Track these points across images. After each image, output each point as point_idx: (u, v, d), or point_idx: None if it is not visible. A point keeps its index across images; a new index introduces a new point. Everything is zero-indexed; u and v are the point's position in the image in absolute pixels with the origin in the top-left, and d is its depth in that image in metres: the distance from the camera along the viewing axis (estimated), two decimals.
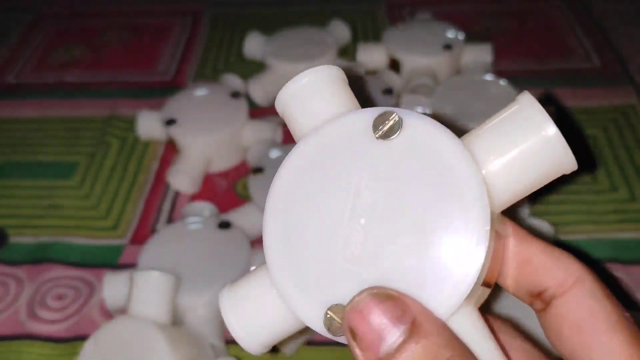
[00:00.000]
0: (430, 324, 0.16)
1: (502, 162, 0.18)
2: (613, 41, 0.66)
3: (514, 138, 0.18)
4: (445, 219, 0.17)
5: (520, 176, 0.18)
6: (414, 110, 0.18)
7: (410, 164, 0.18)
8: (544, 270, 0.19)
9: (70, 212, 0.51)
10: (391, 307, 0.16)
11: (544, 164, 0.18)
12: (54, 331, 0.42)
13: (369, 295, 0.16)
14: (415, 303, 0.16)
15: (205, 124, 0.53)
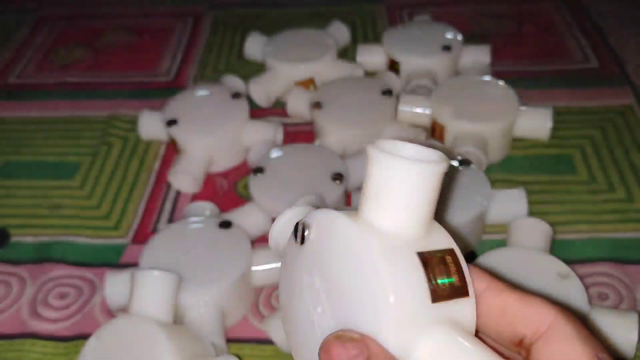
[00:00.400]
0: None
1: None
2: (611, 42, 0.67)
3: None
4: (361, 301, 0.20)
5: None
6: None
7: (326, 257, 0.21)
8: (519, 319, 0.20)
9: (72, 211, 0.52)
10: (350, 346, 0.19)
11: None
12: (56, 330, 0.43)
13: (333, 337, 0.19)
14: (373, 343, 0.19)
15: (206, 125, 0.54)
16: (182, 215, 0.49)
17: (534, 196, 0.49)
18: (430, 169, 0.20)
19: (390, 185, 0.21)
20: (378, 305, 0.19)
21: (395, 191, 0.21)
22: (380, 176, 0.21)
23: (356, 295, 0.20)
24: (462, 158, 0.48)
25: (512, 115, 0.52)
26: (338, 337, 0.19)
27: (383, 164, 0.21)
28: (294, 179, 0.48)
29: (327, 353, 0.19)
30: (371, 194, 0.21)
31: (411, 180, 0.20)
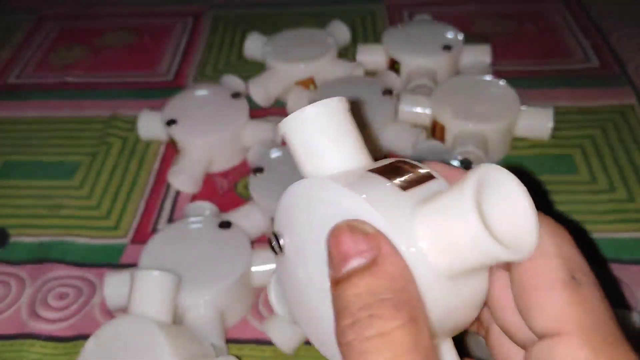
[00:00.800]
0: (388, 265, 0.18)
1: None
2: (611, 42, 0.66)
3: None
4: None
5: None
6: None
7: (306, 233, 0.21)
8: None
9: (72, 211, 0.52)
10: (360, 240, 0.18)
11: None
12: (56, 330, 0.43)
13: (346, 226, 0.18)
14: (385, 243, 0.18)
15: (206, 124, 0.53)
16: (182, 215, 0.49)
17: (534, 196, 0.49)
18: (328, 105, 0.20)
19: (306, 137, 0.21)
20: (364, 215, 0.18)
21: (313, 139, 0.21)
22: (296, 136, 0.21)
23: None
24: (462, 158, 0.47)
25: (512, 115, 0.52)
26: (350, 226, 0.18)
27: (292, 126, 0.21)
28: (294, 179, 0.47)
29: (335, 239, 0.18)
30: (302, 157, 0.21)
31: (318, 123, 0.21)
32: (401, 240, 0.18)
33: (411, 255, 0.18)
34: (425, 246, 0.18)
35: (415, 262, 0.18)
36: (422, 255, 0.18)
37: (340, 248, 0.18)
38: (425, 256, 0.18)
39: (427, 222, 0.18)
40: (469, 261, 0.18)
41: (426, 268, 0.18)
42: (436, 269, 0.18)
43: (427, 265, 0.18)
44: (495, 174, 0.19)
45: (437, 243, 0.18)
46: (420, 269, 0.18)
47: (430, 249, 0.18)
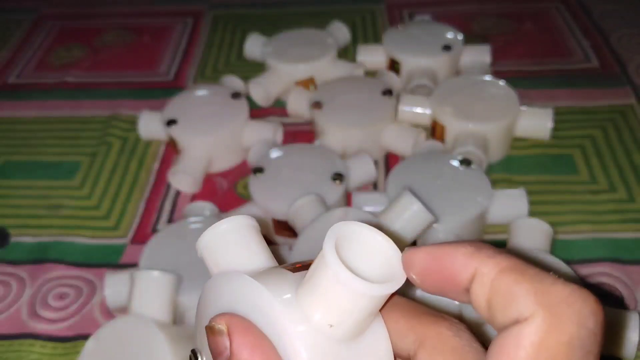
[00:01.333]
0: (244, 356, 0.19)
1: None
2: (611, 42, 0.67)
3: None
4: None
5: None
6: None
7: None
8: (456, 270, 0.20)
9: (72, 211, 0.52)
10: (218, 341, 0.20)
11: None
12: (56, 330, 0.43)
13: (207, 329, 0.20)
14: (238, 336, 0.19)
15: (206, 125, 0.53)
16: (182, 215, 0.49)
17: (534, 196, 0.49)
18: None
19: (216, 249, 0.22)
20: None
21: (222, 250, 0.22)
22: (208, 250, 0.23)
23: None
24: (462, 158, 0.48)
25: (512, 115, 0.52)
26: (209, 328, 0.20)
27: (205, 242, 0.23)
28: (294, 179, 0.48)
29: (207, 337, 0.20)
30: (212, 269, 0.23)
31: (227, 236, 0.22)
32: (290, 319, 0.19)
33: (302, 331, 0.19)
34: (313, 316, 0.19)
35: (307, 336, 0.19)
36: (313, 329, 0.19)
37: (210, 348, 0.20)
38: (315, 328, 0.19)
39: (308, 294, 0.19)
40: (354, 311, 0.19)
41: (319, 339, 0.19)
42: (329, 335, 0.19)
43: (320, 336, 0.19)
44: (349, 228, 0.20)
45: (321, 307, 0.19)
46: (315, 341, 0.19)
47: (318, 318, 0.19)
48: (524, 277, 0.17)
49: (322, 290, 0.19)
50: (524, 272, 0.17)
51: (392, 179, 0.47)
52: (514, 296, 0.17)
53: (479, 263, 0.18)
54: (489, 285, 0.18)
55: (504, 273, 0.18)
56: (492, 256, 0.18)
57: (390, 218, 0.40)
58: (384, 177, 0.52)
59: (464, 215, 0.44)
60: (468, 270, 0.18)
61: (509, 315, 0.17)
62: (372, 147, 0.53)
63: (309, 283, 0.19)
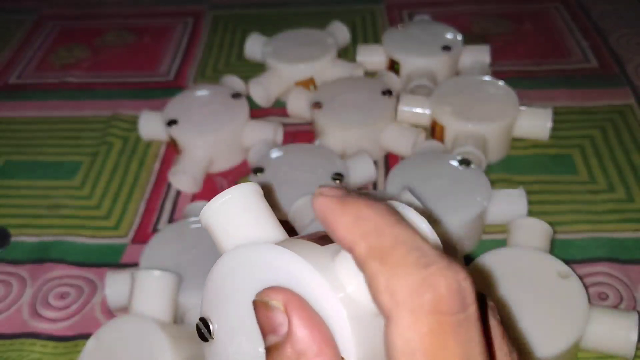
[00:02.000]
0: (300, 333, 0.19)
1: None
2: (611, 42, 0.67)
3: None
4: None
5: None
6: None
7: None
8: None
9: (73, 211, 0.52)
10: (271, 317, 0.19)
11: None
12: (56, 330, 0.43)
13: (259, 303, 0.20)
14: (296, 312, 0.19)
15: (206, 125, 0.54)
16: (182, 215, 0.49)
17: (534, 196, 0.49)
18: (240, 190, 0.20)
19: (224, 220, 0.22)
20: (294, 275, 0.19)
21: (230, 220, 0.22)
22: (215, 221, 0.22)
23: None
24: (461, 158, 0.48)
25: (512, 115, 0.52)
26: (262, 303, 0.19)
27: (210, 213, 0.22)
28: (294, 179, 0.48)
29: (256, 315, 0.20)
30: (222, 240, 0.22)
31: (233, 206, 0.22)
32: (330, 287, 0.19)
33: (341, 300, 0.19)
34: (351, 289, 0.19)
35: (346, 305, 0.19)
36: (351, 299, 0.19)
37: (260, 323, 0.20)
38: (353, 299, 0.19)
39: (345, 267, 0.19)
40: None
41: (356, 309, 0.19)
42: (363, 307, 0.19)
43: (357, 306, 0.19)
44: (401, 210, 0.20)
45: (357, 284, 0.19)
46: (351, 310, 0.19)
47: (355, 291, 0.19)
48: (382, 266, 0.18)
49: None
50: (384, 259, 0.18)
51: (391, 179, 0.47)
52: (375, 290, 0.18)
53: (352, 240, 0.18)
54: (361, 267, 0.18)
55: (369, 258, 0.18)
56: (363, 234, 0.18)
57: None
58: (384, 177, 0.52)
59: (464, 215, 0.44)
60: (346, 245, 0.19)
61: (377, 305, 0.18)
62: (372, 147, 0.53)
63: (348, 262, 0.19)
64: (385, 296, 0.17)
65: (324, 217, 0.19)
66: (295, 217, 0.44)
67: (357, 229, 0.18)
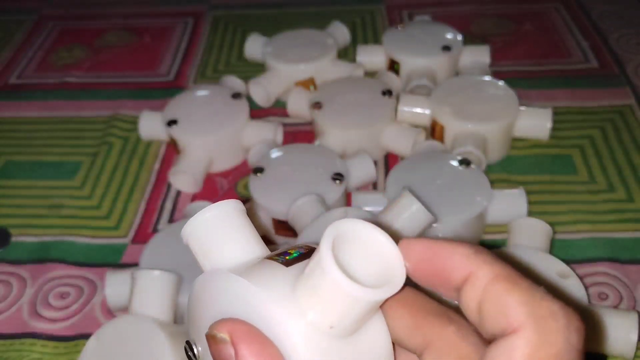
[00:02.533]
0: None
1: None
2: (611, 42, 0.67)
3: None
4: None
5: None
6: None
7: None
8: (447, 267, 0.20)
9: (73, 211, 0.52)
10: (220, 349, 0.19)
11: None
12: (57, 330, 0.43)
13: (209, 337, 0.20)
14: (243, 344, 0.19)
15: (206, 125, 0.54)
16: (183, 215, 0.49)
17: (534, 196, 0.49)
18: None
19: (202, 237, 0.21)
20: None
21: (208, 238, 0.21)
22: (194, 238, 0.22)
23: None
24: (461, 158, 0.48)
25: (511, 115, 0.52)
26: (211, 336, 0.19)
27: (190, 230, 0.22)
28: (294, 179, 0.48)
29: (209, 346, 0.19)
30: (200, 257, 0.22)
31: (212, 223, 0.21)
32: (288, 318, 0.19)
33: (301, 329, 0.19)
34: (308, 313, 0.19)
35: (306, 333, 0.19)
36: (311, 326, 0.19)
37: (213, 357, 0.20)
38: (310, 323, 0.19)
39: (307, 296, 0.19)
40: (352, 313, 0.19)
41: (318, 336, 0.19)
42: (328, 333, 0.19)
43: (318, 333, 0.19)
44: (348, 226, 0.20)
45: (319, 308, 0.19)
46: (314, 338, 0.19)
47: (316, 317, 0.19)
48: (516, 288, 0.18)
49: (320, 293, 0.19)
50: (516, 283, 0.18)
51: (391, 179, 0.47)
52: (505, 305, 0.18)
53: (475, 266, 0.19)
54: (481, 290, 0.18)
55: (497, 280, 0.18)
56: (488, 262, 0.19)
57: (389, 218, 0.41)
58: (384, 177, 0.52)
59: (464, 215, 0.44)
60: (463, 271, 0.19)
61: (498, 323, 0.18)
62: (372, 147, 0.53)
63: (306, 284, 0.19)
64: (518, 310, 0.17)
65: (430, 255, 0.19)
66: (295, 218, 0.44)
67: (477, 257, 0.19)
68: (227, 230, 0.22)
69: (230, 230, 0.22)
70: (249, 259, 0.21)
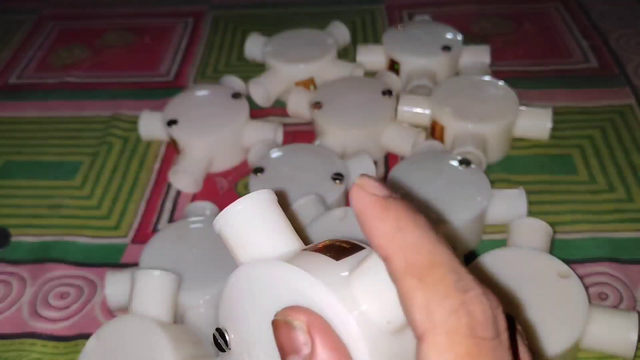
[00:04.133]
0: (323, 356, 0.19)
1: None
2: (610, 42, 0.67)
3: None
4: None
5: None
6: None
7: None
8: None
9: (73, 211, 0.52)
10: (294, 336, 0.19)
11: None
12: (57, 329, 0.43)
13: (281, 322, 0.19)
14: (319, 334, 0.19)
15: (206, 125, 0.54)
16: (183, 215, 0.49)
17: (534, 196, 0.49)
18: (255, 198, 0.20)
19: (239, 229, 0.22)
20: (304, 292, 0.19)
21: (245, 229, 0.22)
22: (229, 229, 0.22)
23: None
24: (461, 158, 0.48)
25: (511, 115, 0.52)
26: (284, 322, 0.19)
27: (224, 221, 0.22)
28: (294, 179, 0.48)
29: (276, 334, 0.19)
30: (237, 249, 0.22)
31: (248, 214, 0.22)
32: (345, 308, 0.19)
33: (355, 319, 0.19)
34: (366, 308, 0.19)
35: (360, 324, 0.19)
36: (366, 317, 0.19)
37: (280, 343, 0.19)
38: (369, 318, 0.19)
39: (362, 286, 0.19)
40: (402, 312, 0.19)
41: (370, 328, 0.19)
42: (379, 327, 0.19)
43: (371, 325, 0.19)
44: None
45: (374, 303, 0.19)
46: (368, 331, 0.19)
47: (370, 310, 0.19)
48: (419, 286, 0.17)
49: (379, 289, 0.19)
50: (422, 278, 0.18)
51: (391, 179, 0.47)
52: (410, 309, 0.18)
53: (390, 251, 0.18)
54: (396, 282, 0.18)
55: (406, 275, 0.18)
56: (403, 248, 0.18)
57: None
58: (384, 177, 0.52)
59: (464, 215, 0.44)
60: (382, 252, 0.19)
61: (410, 321, 0.18)
62: (372, 147, 0.53)
63: (364, 279, 0.19)
64: (421, 314, 0.17)
65: (362, 216, 0.19)
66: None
67: (396, 240, 0.18)
68: (263, 221, 0.22)
69: (267, 221, 0.22)
70: (288, 251, 0.21)
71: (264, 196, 0.22)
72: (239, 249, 0.22)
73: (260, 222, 0.22)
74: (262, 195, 0.22)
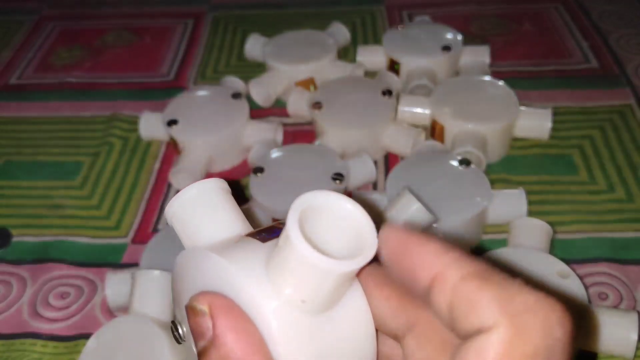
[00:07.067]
0: (227, 339, 0.19)
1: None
2: (610, 43, 0.67)
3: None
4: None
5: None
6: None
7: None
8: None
9: (73, 211, 0.52)
10: (199, 322, 0.19)
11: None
12: (57, 330, 0.43)
13: (188, 308, 0.20)
14: (222, 318, 0.19)
15: (206, 125, 0.54)
16: None
17: (534, 196, 0.49)
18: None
19: (184, 214, 0.22)
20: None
21: (189, 215, 0.22)
22: (177, 215, 0.22)
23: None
24: (461, 158, 0.48)
25: (511, 116, 0.52)
26: (190, 307, 0.19)
27: (173, 208, 0.22)
28: (294, 179, 0.48)
29: (188, 317, 0.19)
30: (182, 234, 0.22)
31: (194, 201, 0.22)
32: (255, 288, 0.19)
33: (273, 304, 0.19)
34: (284, 291, 0.19)
35: (278, 309, 0.19)
36: (284, 301, 0.19)
37: (191, 328, 0.19)
38: (286, 301, 0.19)
39: (278, 271, 0.19)
40: (323, 286, 0.18)
41: (291, 311, 0.19)
42: (301, 308, 0.19)
43: (291, 308, 0.19)
44: (320, 199, 0.19)
45: (290, 283, 0.18)
46: (287, 313, 0.19)
47: (288, 292, 0.19)
48: (487, 284, 0.17)
49: (289, 268, 0.18)
50: (488, 279, 0.17)
51: (391, 179, 0.47)
52: (477, 304, 0.16)
53: (442, 265, 0.18)
54: (451, 291, 0.17)
55: (467, 279, 0.17)
56: (457, 259, 0.18)
57: (389, 218, 0.41)
58: (384, 177, 0.52)
59: (464, 215, 0.44)
60: (430, 271, 0.18)
61: (471, 324, 0.17)
62: (372, 147, 0.53)
63: (277, 260, 0.19)
64: (490, 308, 0.16)
65: (401, 247, 0.19)
66: None
67: (446, 255, 0.18)
68: (207, 209, 0.22)
69: (210, 208, 0.22)
70: (228, 237, 0.21)
71: (208, 185, 0.22)
72: (183, 237, 0.22)
73: (204, 209, 0.22)
74: (207, 184, 0.22)
